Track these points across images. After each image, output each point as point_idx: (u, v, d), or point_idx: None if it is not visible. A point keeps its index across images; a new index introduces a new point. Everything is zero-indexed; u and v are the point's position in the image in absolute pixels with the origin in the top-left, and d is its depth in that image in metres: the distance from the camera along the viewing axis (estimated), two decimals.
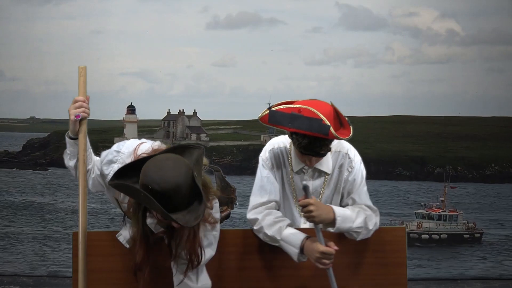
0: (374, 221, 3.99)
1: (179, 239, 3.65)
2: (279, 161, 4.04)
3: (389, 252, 4.10)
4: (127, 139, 3.93)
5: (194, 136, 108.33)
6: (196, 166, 3.53)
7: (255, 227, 3.98)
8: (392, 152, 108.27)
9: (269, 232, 3.92)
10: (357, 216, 3.93)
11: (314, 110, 3.75)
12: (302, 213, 3.85)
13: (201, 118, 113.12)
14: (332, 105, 3.83)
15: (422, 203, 63.11)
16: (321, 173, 4.03)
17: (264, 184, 4.01)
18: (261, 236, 3.97)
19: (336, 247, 3.84)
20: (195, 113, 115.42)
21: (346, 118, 3.85)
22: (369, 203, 4.02)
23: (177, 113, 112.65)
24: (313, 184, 4.03)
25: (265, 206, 3.98)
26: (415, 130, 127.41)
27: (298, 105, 3.78)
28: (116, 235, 3.90)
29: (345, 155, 4.05)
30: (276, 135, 4.16)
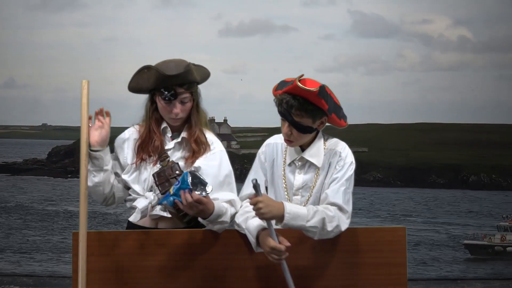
0: (335, 223, 3.91)
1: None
2: (272, 155, 4.12)
3: (389, 252, 4.09)
4: None
5: (225, 144, 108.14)
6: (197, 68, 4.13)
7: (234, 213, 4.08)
8: (424, 160, 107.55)
9: (238, 220, 4.02)
10: (314, 215, 3.88)
11: (305, 79, 3.92)
12: (255, 212, 3.86)
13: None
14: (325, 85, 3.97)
15: (504, 215, 61.36)
16: (312, 166, 4.07)
17: (249, 178, 4.09)
18: (234, 225, 4.05)
19: (288, 244, 3.84)
20: (225, 120, 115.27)
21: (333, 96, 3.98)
22: (341, 203, 3.95)
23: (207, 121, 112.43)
24: (304, 178, 4.06)
25: (247, 200, 4.05)
26: (443, 138, 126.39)
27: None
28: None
29: (337, 153, 4.06)
30: None
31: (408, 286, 4.15)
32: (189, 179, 3.83)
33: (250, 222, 3.96)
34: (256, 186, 3.81)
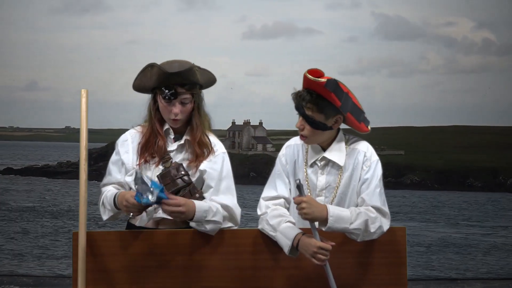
0: (378, 224, 3.94)
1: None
2: (293, 157, 4.11)
3: (389, 252, 4.10)
4: None
5: (260, 147, 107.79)
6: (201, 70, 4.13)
7: (260, 214, 4.07)
8: (460, 163, 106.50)
9: (271, 221, 3.99)
10: (357, 217, 3.90)
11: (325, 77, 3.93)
12: (297, 211, 3.88)
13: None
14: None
15: None
16: (334, 166, 4.05)
17: (275, 180, 4.10)
18: (262, 224, 4.04)
19: (332, 243, 3.86)
20: (260, 123, 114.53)
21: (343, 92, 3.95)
22: (379, 205, 3.97)
23: (242, 123, 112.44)
24: (327, 178, 4.06)
25: (274, 201, 4.06)
26: (476, 140, 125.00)
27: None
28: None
29: (362, 153, 4.05)
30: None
31: (408, 286, 4.15)
32: (140, 183, 3.88)
33: (284, 226, 3.96)
34: (300, 186, 3.83)
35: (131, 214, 4.00)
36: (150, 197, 3.81)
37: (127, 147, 4.17)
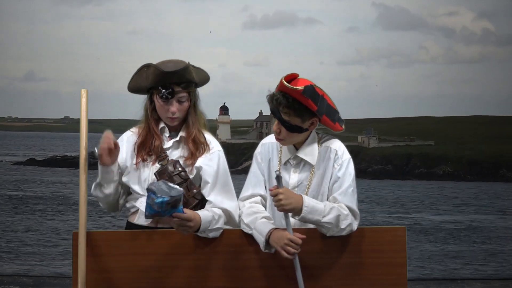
0: (348, 222, 3.98)
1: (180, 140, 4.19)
2: (267, 155, 4.16)
3: (389, 252, 4.09)
4: (220, 140, 4.30)
5: None
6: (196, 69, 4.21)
7: (240, 215, 4.12)
8: (491, 153, 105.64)
9: (246, 219, 4.05)
10: (330, 212, 3.95)
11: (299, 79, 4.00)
12: (274, 203, 3.92)
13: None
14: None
15: None
16: (307, 165, 4.10)
17: (251, 179, 4.16)
18: (241, 225, 4.09)
19: (303, 236, 3.91)
20: None
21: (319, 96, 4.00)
22: (351, 204, 4.01)
23: (270, 114, 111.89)
24: (299, 176, 4.10)
25: (250, 200, 4.11)
26: (502, 131, 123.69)
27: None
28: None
29: (333, 151, 4.09)
30: (374, 136, 4.25)
31: (408, 286, 4.15)
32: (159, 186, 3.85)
33: (259, 222, 4.00)
34: (278, 178, 3.88)
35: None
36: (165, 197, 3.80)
37: (122, 147, 4.19)
